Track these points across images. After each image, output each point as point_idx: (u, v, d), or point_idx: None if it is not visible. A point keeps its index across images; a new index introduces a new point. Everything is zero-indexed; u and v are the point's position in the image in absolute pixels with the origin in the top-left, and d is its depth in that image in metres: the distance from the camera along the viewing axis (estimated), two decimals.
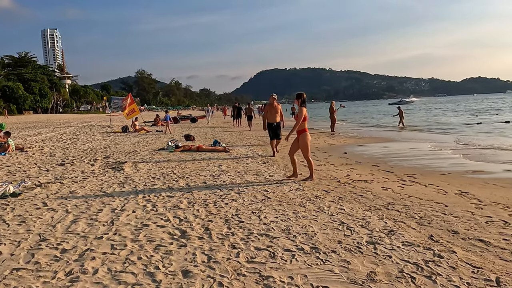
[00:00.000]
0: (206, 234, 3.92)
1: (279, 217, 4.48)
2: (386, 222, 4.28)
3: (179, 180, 6.86)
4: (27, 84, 68.64)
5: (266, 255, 3.36)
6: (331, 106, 20.93)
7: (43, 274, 2.99)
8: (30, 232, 3.98)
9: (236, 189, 6.06)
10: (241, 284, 2.82)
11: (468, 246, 3.54)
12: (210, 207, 4.98)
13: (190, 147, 11.50)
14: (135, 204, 5.16)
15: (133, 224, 4.27)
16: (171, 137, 16.25)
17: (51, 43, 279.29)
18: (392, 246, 3.55)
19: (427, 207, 4.94)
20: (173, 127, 24.53)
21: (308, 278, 2.90)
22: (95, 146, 13.04)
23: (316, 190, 6.01)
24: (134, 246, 3.59)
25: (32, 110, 69.18)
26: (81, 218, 4.48)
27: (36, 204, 5.14)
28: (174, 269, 3.08)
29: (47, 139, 15.85)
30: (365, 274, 2.96)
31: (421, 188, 6.21)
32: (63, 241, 3.72)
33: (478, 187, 6.29)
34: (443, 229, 4.05)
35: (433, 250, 3.43)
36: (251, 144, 13.64)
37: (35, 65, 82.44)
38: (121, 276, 2.95)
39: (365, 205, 5.08)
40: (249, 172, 7.62)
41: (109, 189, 6.08)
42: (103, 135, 17.78)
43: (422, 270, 3.03)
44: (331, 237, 3.80)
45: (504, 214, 4.62)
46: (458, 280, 2.86)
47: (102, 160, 9.35)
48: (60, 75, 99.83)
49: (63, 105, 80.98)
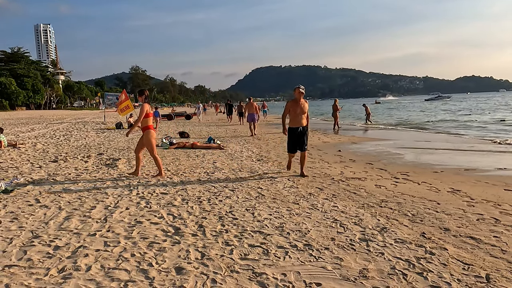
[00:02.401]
0: (200, 231, 3.93)
1: (273, 214, 4.49)
2: (379, 220, 4.31)
3: (173, 177, 6.85)
4: (20, 79, 68.00)
5: (260, 252, 3.37)
6: (334, 104, 20.04)
7: (36, 271, 2.98)
8: (23, 229, 3.96)
9: (230, 186, 6.07)
10: (234, 281, 2.83)
11: (459, 243, 3.57)
12: (204, 204, 4.98)
13: (185, 144, 11.48)
14: (128, 201, 5.14)
15: (126, 221, 4.26)
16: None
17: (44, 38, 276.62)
18: (384, 243, 3.58)
19: (420, 205, 4.98)
20: (167, 124, 24.45)
21: (301, 275, 2.92)
22: (89, 142, 12.96)
23: (310, 187, 6.03)
24: (128, 243, 3.58)
25: (25, 106, 68.57)
26: (74, 215, 4.46)
27: (28, 201, 5.10)
28: (168, 266, 3.09)
29: (40, 135, 15.72)
30: (358, 271, 2.99)
31: (414, 186, 6.26)
32: (56, 238, 3.71)
33: (470, 185, 6.35)
34: (435, 227, 4.09)
35: (425, 247, 3.47)
36: (245, 141, 13.63)
37: (28, 60, 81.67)
38: (114, 273, 2.94)
39: (358, 202, 5.11)
40: (243, 170, 7.63)
41: (102, 186, 6.06)
42: (97, 132, 17.67)
43: (413, 267, 3.06)
44: (324, 234, 3.82)
45: (495, 212, 4.67)
46: (449, 276, 2.89)
47: (95, 157, 9.30)
48: (54, 71, 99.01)
49: (56, 101, 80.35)
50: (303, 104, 6.99)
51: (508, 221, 4.30)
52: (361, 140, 14.68)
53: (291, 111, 7.05)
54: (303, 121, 6.99)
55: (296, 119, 7.00)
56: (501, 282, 2.81)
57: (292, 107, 7.02)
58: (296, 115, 6.99)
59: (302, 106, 6.96)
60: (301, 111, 6.96)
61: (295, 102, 7.01)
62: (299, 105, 6.96)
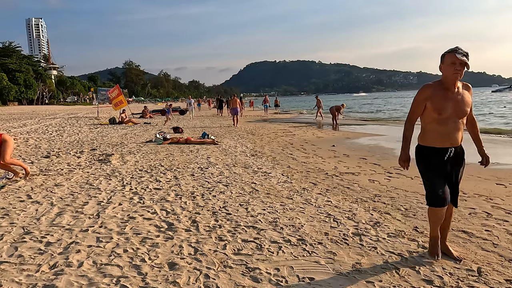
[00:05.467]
0: (193, 226, 3.91)
1: (266, 209, 4.49)
2: (372, 214, 4.33)
3: (167, 172, 6.82)
4: (12, 74, 67.24)
5: (253, 247, 3.37)
6: (338, 106, 19.63)
7: (27, 267, 2.95)
8: (14, 225, 3.92)
9: (224, 181, 6.05)
10: (227, 276, 2.83)
11: (451, 237, 3.59)
12: (198, 199, 4.96)
13: (179, 140, 11.43)
14: (121, 196, 5.11)
15: (119, 216, 4.23)
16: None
17: (36, 32, 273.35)
18: (377, 237, 3.59)
19: (413, 199, 5.01)
20: (161, 119, 24.33)
21: (294, 270, 2.92)
22: (82, 138, 12.86)
23: (304, 182, 6.04)
24: (120, 238, 3.56)
25: (17, 101, 67.86)
26: (66, 211, 4.42)
27: (20, 197, 5.05)
28: (161, 261, 3.07)
29: (32, 130, 15.57)
30: (351, 265, 3.00)
31: (407, 181, 6.29)
32: (47, 234, 3.67)
33: (462, 180, 6.37)
34: (427, 221, 4.09)
35: (417, 241, 3.49)
36: (240, 137, 13.61)
37: (20, 55, 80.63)
38: (106, 269, 2.93)
39: (352, 197, 5.13)
40: (237, 165, 7.61)
41: (95, 182, 6.01)
42: (90, 127, 17.54)
43: (406, 261, 3.08)
44: (317, 229, 3.83)
45: (487, 206, 4.71)
46: (441, 270, 2.91)
47: (88, 152, 9.23)
48: (46, 66, 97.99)
49: (49, 96, 79.64)
50: (463, 94, 3.01)
51: (500, 215, 4.33)
52: (355, 136, 14.72)
53: (431, 109, 3.00)
54: (460, 133, 3.06)
55: (446, 127, 3.00)
56: (492, 276, 2.83)
57: (436, 99, 2.97)
58: (444, 120, 2.99)
59: (461, 99, 2.99)
60: (457, 109, 2.98)
61: (442, 88, 2.99)
62: (453, 95, 2.98)
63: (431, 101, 2.96)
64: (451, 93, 2.95)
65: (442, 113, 2.95)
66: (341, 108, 19.76)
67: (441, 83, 3.00)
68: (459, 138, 3.06)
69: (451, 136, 3.01)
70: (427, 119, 3.06)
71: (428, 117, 3.04)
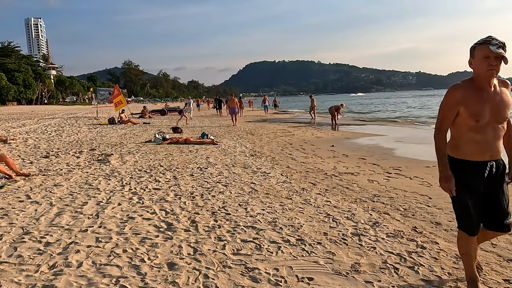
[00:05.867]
0: (193, 226, 3.92)
1: (265, 210, 4.50)
2: (371, 214, 4.33)
3: (166, 172, 6.82)
4: (11, 74, 67.18)
5: (252, 247, 3.37)
6: (337, 106, 19.51)
7: (26, 267, 2.95)
8: (13, 225, 3.92)
9: (223, 181, 6.05)
10: (226, 276, 2.83)
11: (450, 237, 3.60)
12: (197, 199, 4.97)
13: (178, 140, 11.43)
14: (121, 196, 5.11)
15: (118, 216, 4.23)
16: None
17: (35, 32, 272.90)
18: (376, 237, 3.60)
19: (412, 199, 5.02)
20: (160, 119, 24.34)
21: (293, 270, 2.92)
22: (81, 138, 12.85)
23: (303, 182, 6.04)
24: (120, 239, 3.56)
25: (16, 101, 67.81)
26: (66, 211, 4.42)
27: (19, 197, 5.05)
28: (160, 261, 3.08)
29: (31, 130, 15.55)
30: (350, 265, 3.00)
31: (406, 181, 6.30)
32: (46, 234, 3.67)
33: None
34: (426, 221, 4.12)
35: (416, 241, 3.50)
36: (239, 137, 13.61)
37: (19, 55, 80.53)
38: (105, 269, 2.93)
39: (351, 197, 5.14)
40: (237, 165, 7.62)
41: (94, 182, 6.01)
42: (89, 127, 17.53)
43: (405, 261, 3.08)
44: (317, 229, 3.84)
45: None
46: (439, 270, 2.91)
47: (87, 152, 9.23)
48: (45, 66, 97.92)
49: (48, 96, 79.57)
50: (501, 93, 2.44)
51: None
52: (354, 136, 14.73)
53: (465, 115, 2.42)
54: (501, 142, 2.51)
55: (484, 136, 2.43)
56: (491, 276, 2.84)
57: (470, 102, 2.39)
58: (482, 128, 2.41)
59: (499, 99, 2.42)
60: (496, 113, 2.41)
61: (474, 88, 2.42)
62: (490, 96, 2.41)
63: (464, 105, 2.38)
64: (487, 93, 2.39)
65: (480, 119, 2.36)
66: (340, 108, 19.78)
67: (472, 82, 2.43)
68: (500, 149, 2.47)
69: (491, 147, 2.42)
70: (461, 127, 2.45)
71: (462, 125, 2.44)
